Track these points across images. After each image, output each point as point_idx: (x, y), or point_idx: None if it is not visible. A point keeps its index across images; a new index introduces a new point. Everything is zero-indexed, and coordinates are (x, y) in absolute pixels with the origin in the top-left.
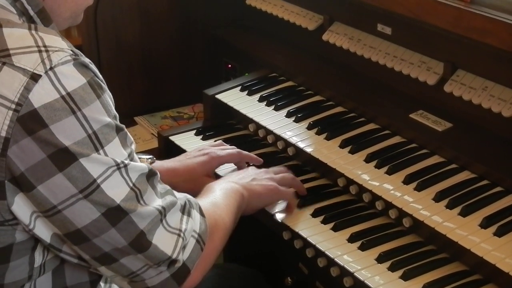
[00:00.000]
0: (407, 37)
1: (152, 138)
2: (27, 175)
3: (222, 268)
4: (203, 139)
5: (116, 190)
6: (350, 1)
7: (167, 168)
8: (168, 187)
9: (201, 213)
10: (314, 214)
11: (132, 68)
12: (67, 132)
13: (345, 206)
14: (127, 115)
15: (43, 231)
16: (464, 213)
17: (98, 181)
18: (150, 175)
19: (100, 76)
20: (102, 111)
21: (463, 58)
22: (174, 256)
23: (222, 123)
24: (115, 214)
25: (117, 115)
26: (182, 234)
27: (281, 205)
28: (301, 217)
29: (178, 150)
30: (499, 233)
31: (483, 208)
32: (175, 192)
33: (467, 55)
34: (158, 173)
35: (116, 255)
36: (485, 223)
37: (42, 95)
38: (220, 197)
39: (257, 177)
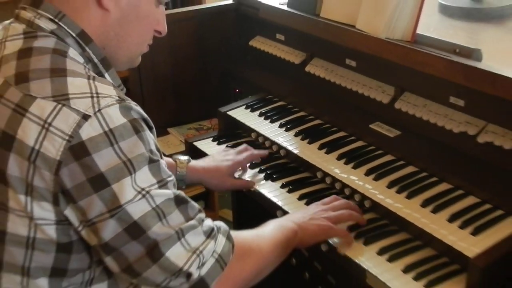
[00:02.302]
0: (368, 68)
1: (181, 143)
2: (71, 192)
3: None
4: (218, 144)
5: (139, 208)
6: (326, 42)
7: (201, 167)
8: (203, 217)
9: (228, 238)
10: (300, 198)
11: (165, 93)
12: (104, 160)
13: (322, 193)
14: (162, 126)
15: (88, 237)
16: (409, 196)
17: (124, 205)
18: (179, 202)
19: (145, 115)
20: (138, 145)
21: (409, 83)
22: (185, 269)
23: (232, 132)
24: (135, 229)
25: (156, 151)
26: (199, 252)
27: (276, 191)
28: (289, 200)
29: (199, 152)
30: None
31: (424, 193)
32: (209, 220)
33: (412, 81)
34: (192, 203)
35: (139, 268)
36: (434, 208)
37: (90, 130)
38: (269, 230)
39: (315, 216)
